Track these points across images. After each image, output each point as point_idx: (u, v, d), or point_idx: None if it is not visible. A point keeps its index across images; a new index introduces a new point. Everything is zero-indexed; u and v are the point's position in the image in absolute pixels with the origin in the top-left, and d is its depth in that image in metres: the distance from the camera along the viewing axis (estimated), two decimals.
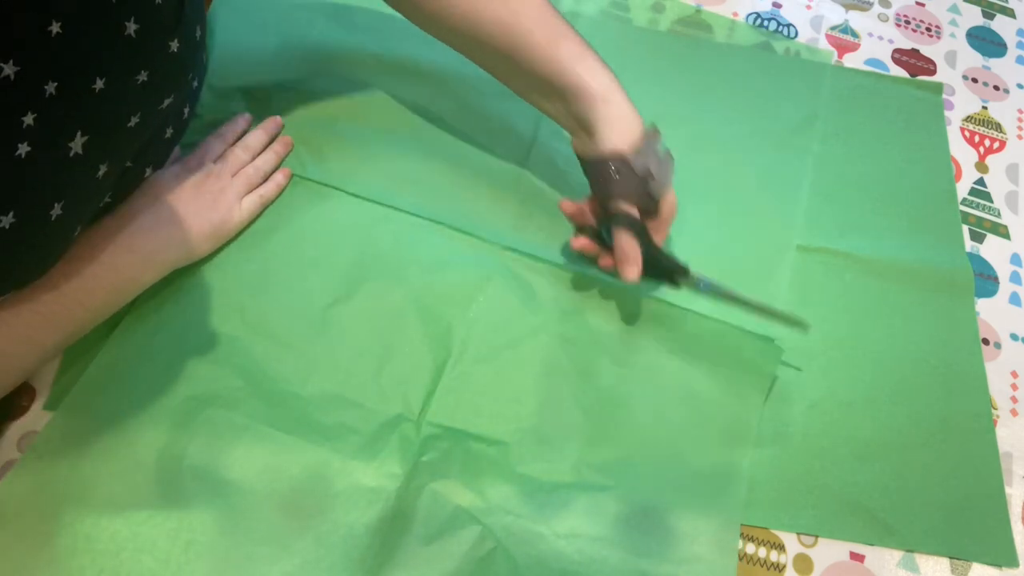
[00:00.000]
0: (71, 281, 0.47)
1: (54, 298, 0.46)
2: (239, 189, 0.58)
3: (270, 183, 0.61)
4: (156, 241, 0.52)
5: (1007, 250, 0.69)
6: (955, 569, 0.53)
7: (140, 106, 0.44)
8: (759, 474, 0.54)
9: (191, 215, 0.54)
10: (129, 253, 0.50)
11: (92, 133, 0.41)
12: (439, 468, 0.51)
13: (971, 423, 0.59)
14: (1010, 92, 0.79)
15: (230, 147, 0.61)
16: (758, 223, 0.66)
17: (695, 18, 0.79)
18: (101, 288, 0.49)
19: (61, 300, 0.47)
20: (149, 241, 0.52)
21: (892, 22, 0.83)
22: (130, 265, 0.51)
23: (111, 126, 0.43)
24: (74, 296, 0.47)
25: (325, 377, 0.54)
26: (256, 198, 0.59)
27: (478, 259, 0.61)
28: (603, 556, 0.50)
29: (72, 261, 0.47)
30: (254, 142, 0.62)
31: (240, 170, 0.60)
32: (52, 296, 0.46)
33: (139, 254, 0.51)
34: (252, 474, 0.50)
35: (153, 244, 0.52)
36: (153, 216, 0.53)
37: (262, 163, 0.61)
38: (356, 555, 0.48)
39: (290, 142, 0.64)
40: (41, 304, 0.46)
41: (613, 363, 0.57)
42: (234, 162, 0.59)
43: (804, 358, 0.60)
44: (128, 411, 0.51)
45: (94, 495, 0.48)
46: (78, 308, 0.48)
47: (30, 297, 0.45)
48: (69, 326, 0.48)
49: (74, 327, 0.49)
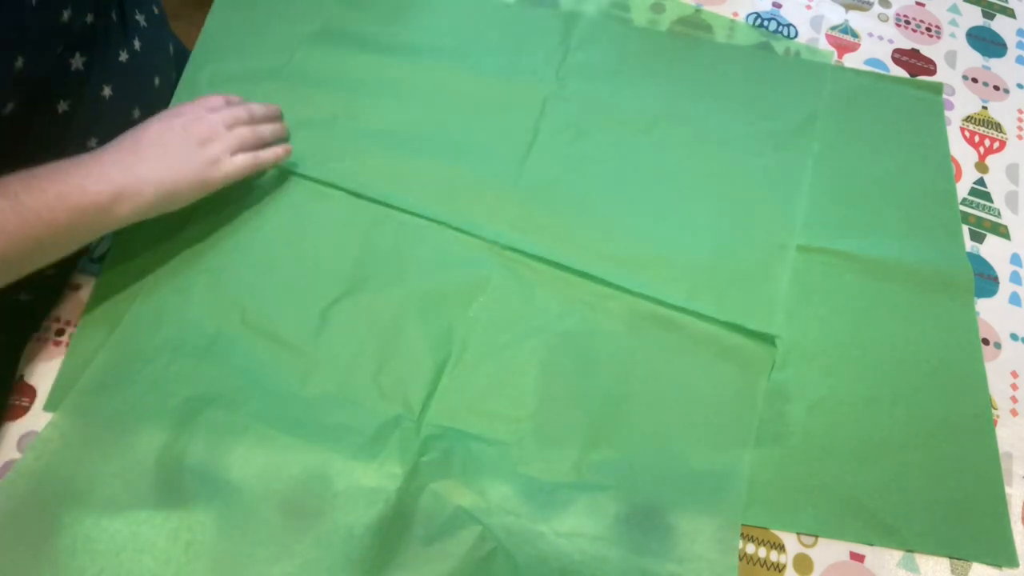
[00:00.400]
0: (31, 191, 0.45)
1: (10, 205, 0.44)
2: (231, 143, 0.56)
3: (268, 151, 0.59)
4: (132, 175, 0.50)
5: (1007, 250, 0.69)
6: (955, 569, 0.53)
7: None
8: (759, 474, 0.54)
9: (174, 156, 0.52)
10: (99, 181, 0.48)
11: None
12: (439, 468, 0.51)
13: (971, 423, 0.59)
14: (1010, 92, 0.79)
15: (231, 104, 0.59)
16: (758, 223, 0.66)
17: (695, 18, 0.79)
18: (64, 206, 0.46)
19: (18, 209, 0.44)
20: (125, 174, 0.49)
21: (892, 22, 0.83)
22: (100, 193, 0.48)
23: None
24: (33, 208, 0.45)
25: (325, 377, 0.54)
26: (250, 157, 0.57)
27: (478, 259, 0.61)
28: (604, 555, 0.50)
29: (37, 177, 0.46)
30: (257, 109, 0.60)
31: (236, 127, 0.57)
32: (8, 203, 0.44)
33: (111, 184, 0.48)
34: (252, 474, 0.50)
35: (129, 177, 0.49)
36: (132, 150, 0.51)
37: (262, 130, 0.59)
38: (356, 555, 0.48)
39: (287, 130, 0.63)
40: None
41: (613, 363, 0.57)
42: (231, 117, 0.57)
43: (804, 358, 0.60)
44: (128, 411, 0.51)
45: (94, 495, 0.48)
46: (37, 223, 0.45)
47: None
48: (27, 239, 0.45)
49: (32, 241, 0.46)
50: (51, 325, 0.55)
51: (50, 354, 0.53)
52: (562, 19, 0.76)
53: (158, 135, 0.53)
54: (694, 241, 0.64)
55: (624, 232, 0.63)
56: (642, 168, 0.68)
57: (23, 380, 0.52)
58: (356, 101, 0.67)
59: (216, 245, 0.58)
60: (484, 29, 0.74)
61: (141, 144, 0.52)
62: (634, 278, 0.60)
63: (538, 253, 0.61)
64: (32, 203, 0.45)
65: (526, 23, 0.75)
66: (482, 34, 0.74)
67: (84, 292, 0.56)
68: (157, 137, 0.52)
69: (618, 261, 0.61)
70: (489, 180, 0.65)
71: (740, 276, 0.61)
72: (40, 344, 0.54)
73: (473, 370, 0.56)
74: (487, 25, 0.75)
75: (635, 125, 0.70)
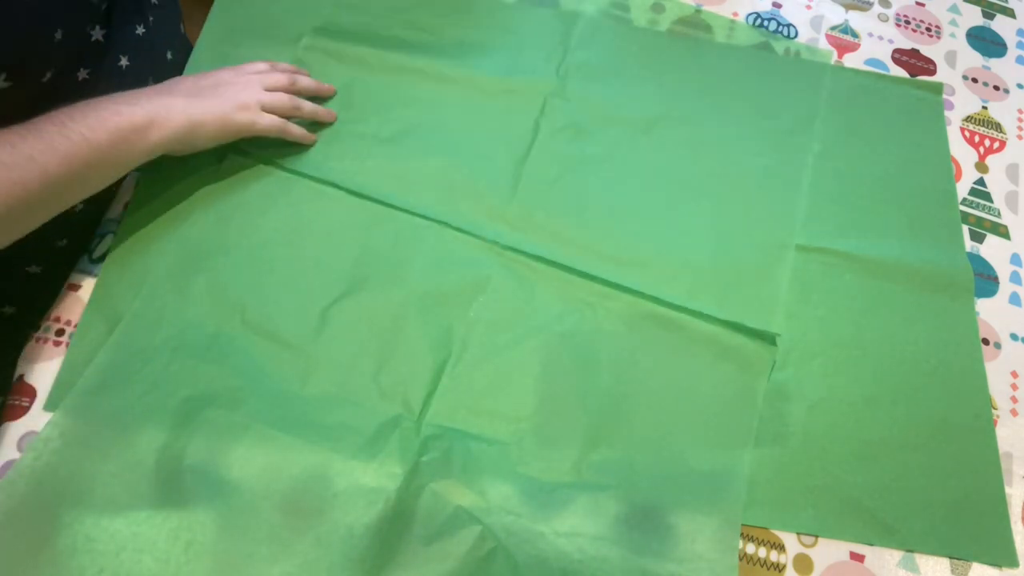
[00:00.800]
0: (75, 119, 0.50)
1: (58, 130, 0.49)
2: (264, 99, 0.59)
3: (298, 129, 0.62)
4: (163, 104, 0.54)
5: (1007, 250, 0.69)
6: (955, 569, 0.53)
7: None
8: (759, 474, 0.54)
9: (206, 94, 0.57)
10: (134, 107, 0.53)
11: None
12: (439, 468, 0.51)
13: (971, 423, 0.59)
14: (1010, 92, 0.79)
15: (275, 70, 0.63)
16: (758, 222, 0.66)
17: (695, 18, 0.79)
18: (104, 128, 0.51)
19: (65, 132, 0.49)
20: (157, 104, 0.54)
21: (892, 22, 0.83)
22: (135, 114, 0.52)
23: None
24: (78, 130, 0.50)
25: (325, 377, 0.54)
26: (279, 121, 0.60)
27: (478, 259, 0.61)
28: (604, 555, 0.50)
29: (79, 107, 0.51)
30: (303, 81, 0.63)
31: (275, 89, 0.61)
32: (56, 128, 0.49)
33: (144, 109, 0.53)
34: (252, 474, 0.49)
35: (160, 107, 0.54)
36: (167, 89, 0.57)
37: (301, 101, 0.62)
38: (356, 555, 0.48)
39: (334, 115, 0.65)
40: (46, 134, 0.48)
41: (613, 363, 0.57)
42: (272, 81, 0.61)
43: (804, 358, 0.60)
44: (128, 411, 0.51)
45: (94, 495, 0.48)
46: (82, 143, 0.50)
47: (36, 127, 0.48)
48: (74, 159, 0.49)
49: (79, 162, 0.50)
50: (51, 325, 0.55)
51: (50, 354, 0.53)
52: (562, 19, 0.76)
53: (193, 81, 0.59)
54: (694, 240, 0.64)
55: (624, 232, 0.64)
56: (642, 167, 0.68)
57: (23, 380, 0.52)
58: (355, 101, 0.67)
59: (216, 245, 0.58)
60: (484, 28, 0.74)
61: (177, 85, 0.58)
62: (634, 277, 0.60)
63: (538, 253, 0.61)
64: (76, 126, 0.50)
65: (527, 23, 0.75)
66: (482, 33, 0.74)
67: (84, 292, 0.56)
68: (192, 82, 0.58)
69: (618, 261, 0.61)
70: (489, 179, 0.65)
71: (740, 275, 0.61)
72: (40, 344, 0.54)
73: (473, 370, 0.56)
74: (488, 24, 0.75)
75: (635, 125, 0.70)
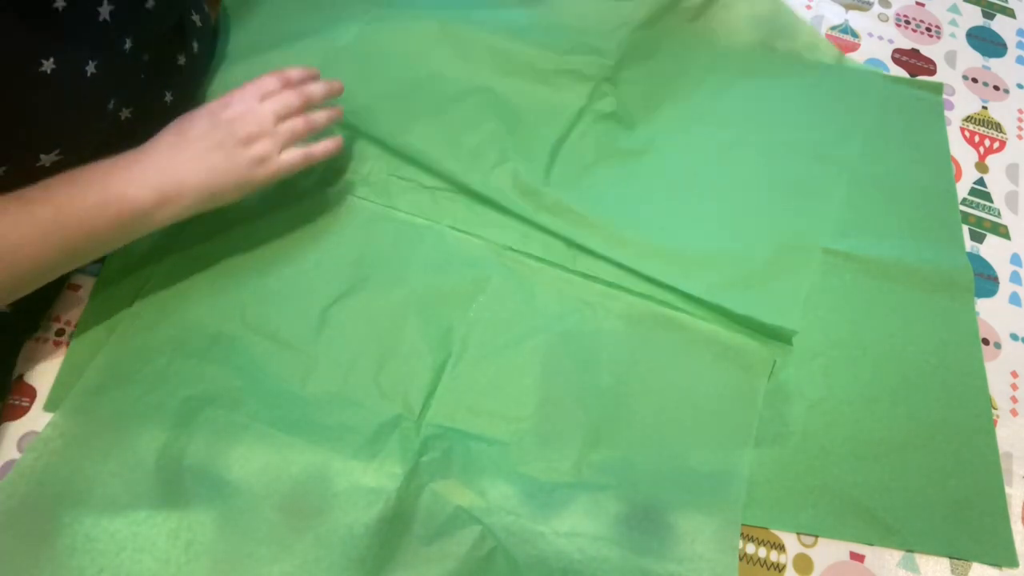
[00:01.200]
0: (74, 202, 0.45)
1: (52, 218, 0.44)
2: (281, 138, 0.52)
3: (320, 145, 0.55)
4: (173, 179, 0.48)
5: (1007, 250, 0.69)
6: (955, 569, 0.53)
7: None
8: (759, 474, 0.54)
9: (218, 157, 0.50)
10: (141, 188, 0.47)
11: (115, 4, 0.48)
12: (439, 468, 0.51)
13: (971, 423, 0.59)
14: (1010, 92, 0.79)
15: (284, 89, 0.54)
16: (786, 225, 0.66)
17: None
18: (104, 217, 0.46)
19: (60, 220, 0.44)
20: (166, 178, 0.48)
21: (892, 22, 0.83)
22: (141, 199, 0.47)
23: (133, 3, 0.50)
24: (75, 217, 0.45)
25: (325, 377, 0.54)
26: (301, 155, 0.54)
27: (478, 259, 0.61)
28: (604, 555, 0.50)
29: (79, 183, 0.46)
30: (316, 90, 0.56)
31: (289, 117, 0.53)
32: (50, 215, 0.44)
33: (152, 191, 0.47)
34: (252, 474, 0.49)
35: (169, 182, 0.48)
36: (175, 149, 0.49)
37: (317, 118, 0.55)
38: (356, 555, 0.48)
39: (341, 113, 0.59)
40: (39, 221, 0.44)
41: (613, 363, 0.57)
42: (284, 106, 0.53)
43: (804, 358, 0.60)
44: (128, 411, 0.51)
45: (94, 495, 0.48)
46: (79, 231, 0.45)
47: (28, 211, 0.44)
48: (68, 248, 0.46)
49: (72, 251, 0.46)
50: (51, 325, 0.55)
51: (50, 354, 0.53)
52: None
53: (203, 133, 0.50)
54: (718, 236, 0.64)
55: (649, 223, 0.63)
56: (678, 165, 0.68)
57: (23, 380, 0.52)
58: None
59: (216, 245, 0.58)
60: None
61: (186, 140, 0.50)
62: (654, 267, 0.60)
63: (538, 253, 0.61)
64: (74, 212, 0.45)
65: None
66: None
67: (84, 292, 0.56)
68: (202, 135, 0.50)
69: (639, 250, 0.61)
70: (527, 157, 0.65)
71: (764, 273, 0.61)
72: (40, 344, 0.54)
73: (473, 370, 0.56)
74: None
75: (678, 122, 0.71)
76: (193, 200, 0.49)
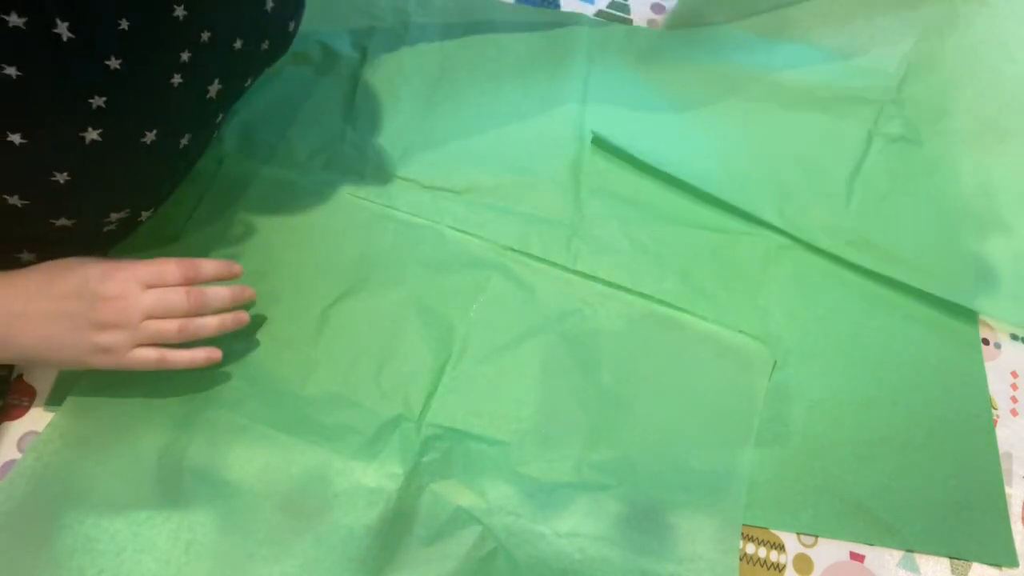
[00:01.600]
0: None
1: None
2: (139, 337, 0.46)
3: (180, 354, 0.48)
4: (4, 328, 0.44)
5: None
6: (955, 569, 0.53)
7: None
8: (759, 474, 0.54)
9: (62, 333, 0.45)
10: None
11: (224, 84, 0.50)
12: (440, 468, 0.51)
13: (971, 423, 0.59)
14: None
15: (182, 286, 0.48)
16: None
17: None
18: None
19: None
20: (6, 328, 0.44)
21: None
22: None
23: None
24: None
25: (325, 377, 0.54)
26: (153, 358, 0.47)
27: (478, 259, 0.61)
28: (604, 555, 0.50)
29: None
30: (214, 297, 0.49)
31: (164, 316, 0.47)
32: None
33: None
34: (252, 474, 0.49)
35: (8, 332, 0.44)
36: (24, 299, 0.44)
37: (194, 328, 0.48)
38: (356, 556, 0.48)
39: (244, 320, 0.51)
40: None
41: (613, 363, 0.57)
42: (163, 305, 0.47)
43: (804, 358, 0.60)
44: (128, 411, 0.50)
45: (94, 495, 0.48)
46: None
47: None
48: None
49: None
50: None
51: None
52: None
53: (64, 293, 0.45)
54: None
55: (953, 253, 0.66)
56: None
57: (23, 380, 0.52)
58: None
59: (216, 246, 0.58)
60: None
61: (46, 292, 0.45)
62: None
63: (538, 253, 0.61)
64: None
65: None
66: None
67: None
68: (62, 295, 0.45)
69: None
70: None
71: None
72: None
73: (473, 370, 0.56)
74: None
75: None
76: (11, 356, 0.46)
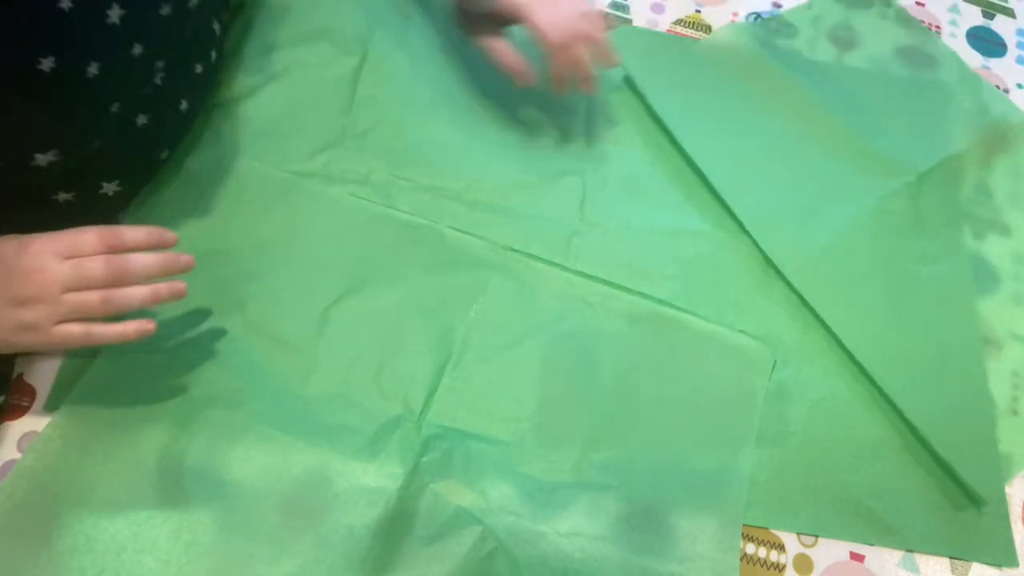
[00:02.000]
0: None
1: None
2: (63, 309, 0.43)
3: (107, 328, 0.45)
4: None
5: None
6: (955, 569, 0.53)
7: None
8: (759, 474, 0.54)
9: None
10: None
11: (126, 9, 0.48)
12: (440, 468, 0.51)
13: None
14: (1010, 92, 0.79)
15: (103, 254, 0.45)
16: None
17: (695, 18, 0.79)
18: None
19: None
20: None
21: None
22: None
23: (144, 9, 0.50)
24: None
25: (325, 377, 0.54)
26: (79, 333, 0.44)
27: (478, 259, 0.61)
28: (605, 555, 0.50)
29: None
30: (138, 264, 0.45)
31: (83, 287, 0.44)
32: None
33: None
34: (252, 474, 0.50)
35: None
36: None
37: (120, 299, 0.45)
38: (357, 556, 0.48)
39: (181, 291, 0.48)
40: None
41: (613, 363, 0.57)
42: (79, 277, 0.44)
43: (804, 358, 0.60)
44: (128, 411, 0.51)
45: (94, 495, 0.48)
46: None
47: None
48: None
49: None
50: None
51: (50, 354, 0.53)
52: None
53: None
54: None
55: None
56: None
57: (23, 380, 0.52)
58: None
59: (217, 246, 0.58)
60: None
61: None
62: None
63: (539, 253, 0.61)
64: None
65: None
66: None
67: None
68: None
69: None
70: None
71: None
72: None
73: (474, 370, 0.56)
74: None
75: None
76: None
